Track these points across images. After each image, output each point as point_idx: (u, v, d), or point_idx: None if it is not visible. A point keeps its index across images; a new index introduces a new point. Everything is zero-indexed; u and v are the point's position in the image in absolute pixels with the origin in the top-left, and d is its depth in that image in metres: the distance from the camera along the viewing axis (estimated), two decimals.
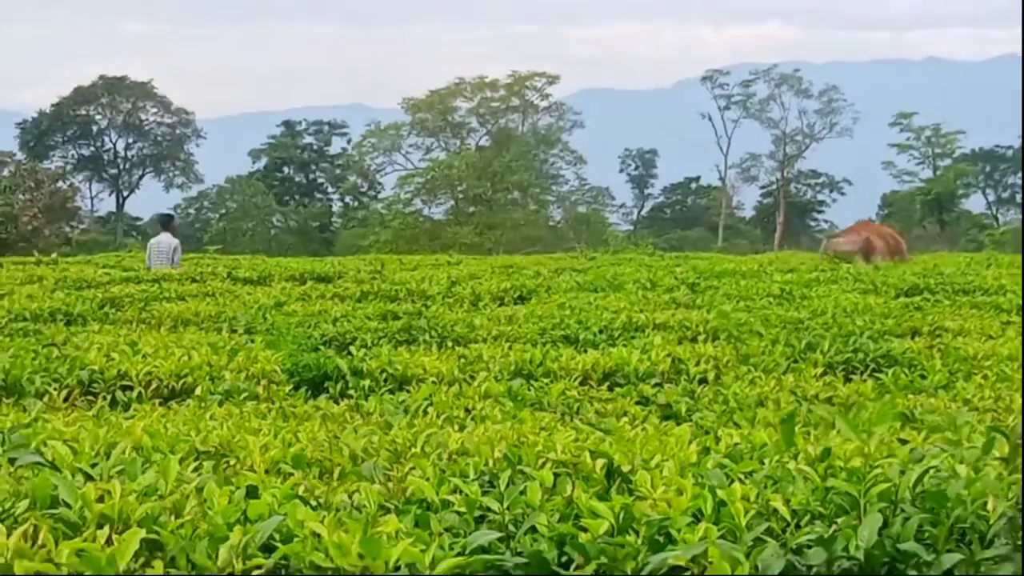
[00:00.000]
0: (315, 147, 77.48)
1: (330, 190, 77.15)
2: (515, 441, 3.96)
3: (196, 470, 3.50)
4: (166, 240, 17.65)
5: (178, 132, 76.40)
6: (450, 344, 8.00)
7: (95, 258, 24.18)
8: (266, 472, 3.63)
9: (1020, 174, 72.38)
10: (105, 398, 5.82)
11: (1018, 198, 73.12)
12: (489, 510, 2.98)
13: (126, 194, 76.09)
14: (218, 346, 7.31)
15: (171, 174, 76.29)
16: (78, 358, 6.53)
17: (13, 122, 77.19)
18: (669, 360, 7.00)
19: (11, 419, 4.65)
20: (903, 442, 3.73)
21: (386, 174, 72.12)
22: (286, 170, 76.71)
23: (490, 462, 3.54)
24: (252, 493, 3.02)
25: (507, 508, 2.96)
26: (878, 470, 3.03)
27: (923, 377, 6.81)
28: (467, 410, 5.45)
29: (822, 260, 21.04)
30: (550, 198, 70.39)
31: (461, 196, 64.87)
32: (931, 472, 3.02)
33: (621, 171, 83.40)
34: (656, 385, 6.47)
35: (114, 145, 75.93)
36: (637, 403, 5.98)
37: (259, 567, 2.60)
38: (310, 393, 6.26)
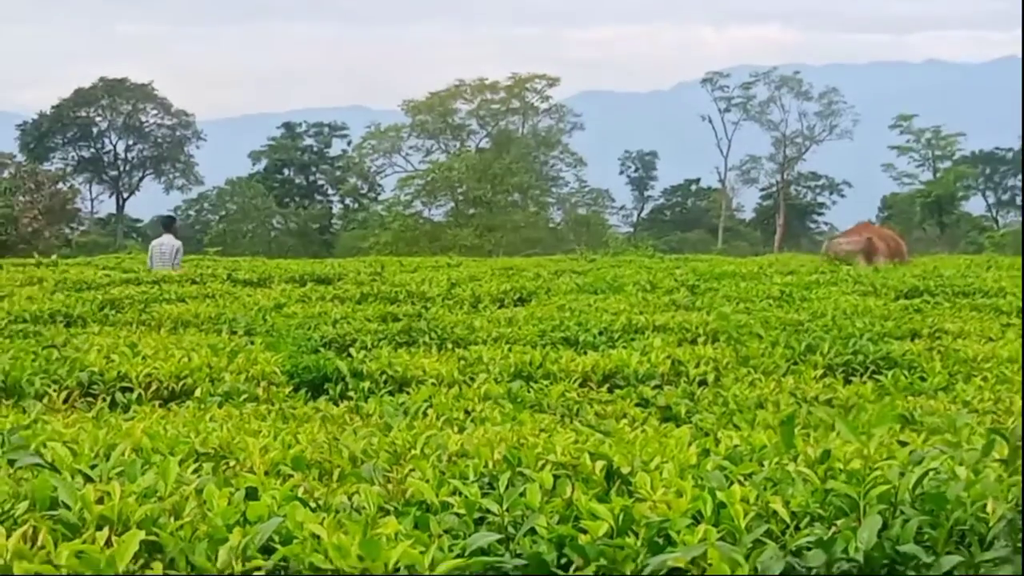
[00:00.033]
0: (315, 149, 77.51)
1: (330, 192, 77.19)
2: (515, 443, 3.96)
3: (196, 472, 3.50)
4: (168, 242, 17.68)
5: (178, 134, 76.44)
6: (450, 346, 8.00)
7: (95, 260, 24.16)
8: (266, 474, 3.63)
9: (1020, 176, 72.37)
10: (105, 400, 5.82)
11: (1018, 200, 73.14)
12: (489, 512, 2.98)
13: (126, 196, 76.11)
14: (218, 348, 7.31)
15: (171, 176, 76.33)
16: (78, 360, 6.53)
17: (13, 124, 77.16)
18: (669, 362, 7.00)
19: (11, 420, 4.65)
20: (903, 444, 3.74)
21: (386, 176, 72.19)
22: (286, 172, 76.74)
23: (490, 464, 3.53)
24: (252, 495, 3.02)
25: (507, 510, 2.96)
26: (878, 472, 3.03)
27: (923, 379, 6.81)
28: (467, 412, 5.46)
29: (823, 261, 21.08)
30: (550, 200, 70.38)
31: (461, 198, 64.85)
32: (931, 474, 3.02)
33: (621, 173, 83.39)
34: (656, 387, 6.46)
35: (114, 147, 75.97)
36: (637, 405, 5.98)
37: (258, 569, 2.60)
38: (310, 395, 6.26)
